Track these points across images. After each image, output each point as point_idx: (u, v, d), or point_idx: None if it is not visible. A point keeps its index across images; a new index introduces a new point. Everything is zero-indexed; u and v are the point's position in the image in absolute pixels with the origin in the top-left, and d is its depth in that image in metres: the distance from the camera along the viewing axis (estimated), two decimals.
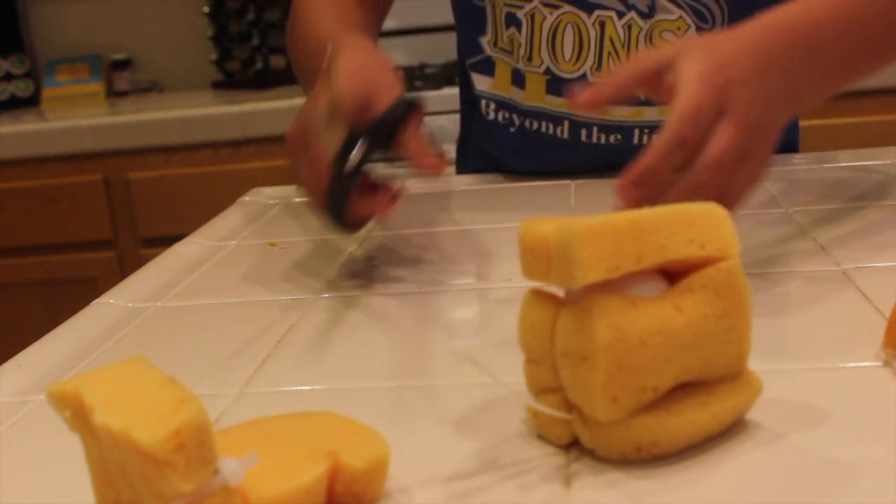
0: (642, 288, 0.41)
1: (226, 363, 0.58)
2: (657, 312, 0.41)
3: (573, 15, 0.90)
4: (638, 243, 0.40)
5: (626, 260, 0.40)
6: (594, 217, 0.40)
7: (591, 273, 0.39)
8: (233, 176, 1.95)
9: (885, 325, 0.50)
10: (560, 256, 0.40)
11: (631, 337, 0.40)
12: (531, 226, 0.43)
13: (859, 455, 0.41)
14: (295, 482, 0.38)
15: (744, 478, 0.40)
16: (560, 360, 0.42)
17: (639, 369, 0.40)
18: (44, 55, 2.54)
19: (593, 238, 0.39)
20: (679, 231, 0.41)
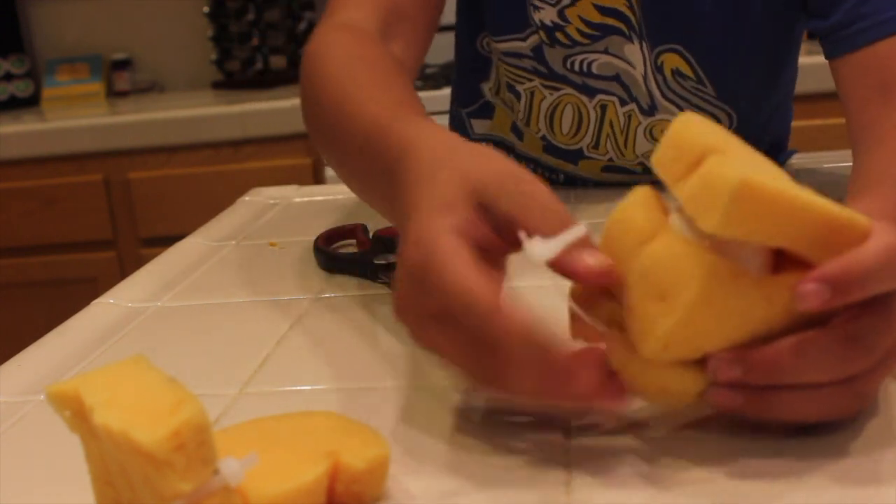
0: (750, 255, 0.40)
1: (226, 363, 0.58)
2: (749, 295, 0.39)
3: (574, 97, 0.89)
4: (783, 224, 0.38)
5: (763, 233, 0.38)
6: (765, 175, 0.38)
7: (727, 228, 0.38)
8: (233, 176, 1.95)
9: None
10: (706, 188, 0.39)
11: (716, 307, 0.39)
12: (691, 126, 0.41)
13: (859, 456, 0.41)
14: (295, 482, 0.38)
15: (742, 477, 0.40)
16: (637, 278, 0.40)
17: (704, 335, 0.40)
18: (44, 55, 2.53)
19: (751, 198, 0.37)
20: (823, 234, 0.39)
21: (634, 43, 0.84)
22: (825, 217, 0.39)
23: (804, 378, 0.40)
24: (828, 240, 0.39)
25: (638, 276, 0.41)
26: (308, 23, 2.36)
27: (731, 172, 0.38)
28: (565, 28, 0.85)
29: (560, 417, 0.46)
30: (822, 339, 0.40)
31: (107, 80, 2.51)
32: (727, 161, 0.39)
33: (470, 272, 0.41)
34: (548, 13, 0.85)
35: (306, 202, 1.00)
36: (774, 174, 0.41)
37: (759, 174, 0.38)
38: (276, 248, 0.82)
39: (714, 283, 0.39)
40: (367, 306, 0.67)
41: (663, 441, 0.44)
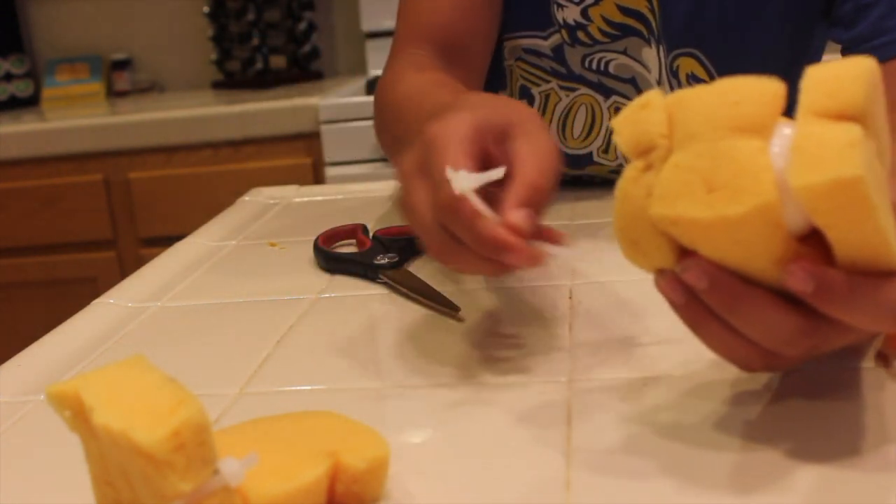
0: (798, 216, 0.38)
1: (226, 363, 0.58)
2: (767, 245, 0.39)
3: (589, 97, 0.89)
4: (849, 228, 0.37)
5: (824, 220, 0.37)
6: (874, 176, 0.37)
7: (805, 196, 0.37)
8: (233, 176, 1.95)
9: None
10: (823, 148, 0.37)
11: (734, 234, 0.39)
12: (868, 73, 0.39)
13: (859, 456, 0.41)
14: (295, 482, 0.38)
15: (742, 476, 0.40)
16: (704, 152, 0.39)
17: (703, 242, 0.40)
18: (44, 55, 2.54)
19: (845, 195, 0.36)
20: (869, 256, 0.38)
21: (652, 47, 0.84)
22: (886, 250, 0.38)
23: (742, 328, 0.41)
24: (865, 265, 0.38)
25: (707, 152, 0.39)
26: (308, 23, 2.36)
27: (852, 159, 0.36)
28: (587, 27, 0.85)
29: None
30: (781, 311, 0.40)
31: (107, 80, 2.51)
32: (859, 143, 0.37)
33: (463, 155, 0.48)
34: (571, 12, 0.85)
35: (306, 202, 1.00)
36: (881, 178, 0.39)
37: (871, 173, 0.37)
38: (276, 248, 0.82)
39: (755, 217, 0.38)
40: (367, 306, 0.67)
41: (663, 440, 0.44)
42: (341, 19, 2.47)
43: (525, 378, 0.52)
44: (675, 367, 0.51)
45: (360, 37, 2.38)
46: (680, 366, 0.51)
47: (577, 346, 0.55)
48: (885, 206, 0.38)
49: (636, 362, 0.52)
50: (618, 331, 0.57)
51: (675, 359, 0.52)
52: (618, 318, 0.59)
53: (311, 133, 1.93)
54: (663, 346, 0.54)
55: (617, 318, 0.59)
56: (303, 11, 2.35)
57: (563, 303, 0.62)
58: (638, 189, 0.42)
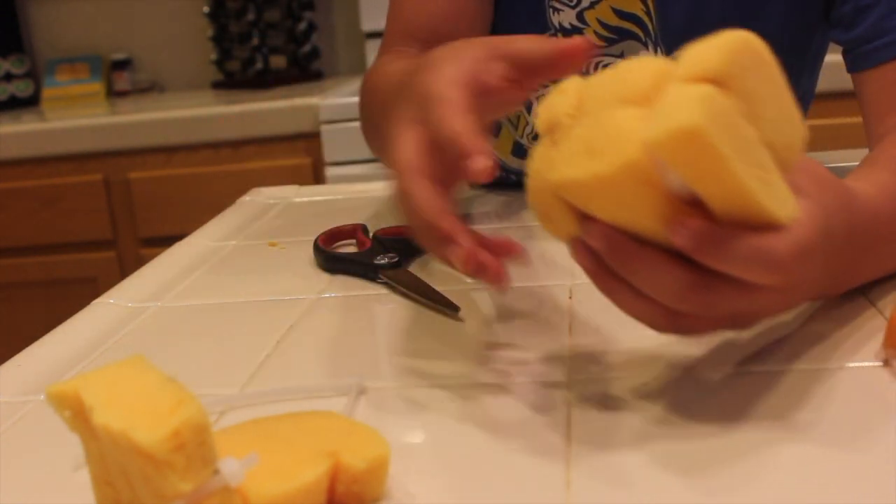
0: (675, 177, 0.41)
1: (226, 363, 0.58)
2: (649, 204, 0.41)
3: None
4: (709, 182, 0.40)
5: (687, 175, 0.40)
6: (736, 136, 0.40)
7: (658, 150, 0.39)
8: (233, 176, 1.95)
9: (885, 325, 0.50)
10: (673, 105, 0.40)
11: (614, 194, 0.42)
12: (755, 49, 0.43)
13: (859, 455, 0.41)
14: (295, 482, 0.38)
15: (743, 476, 0.40)
16: (590, 124, 0.43)
17: (594, 204, 0.43)
18: (44, 55, 2.54)
19: (694, 145, 0.38)
20: (741, 212, 0.41)
21: (650, 50, 0.84)
22: (749, 200, 0.40)
23: (640, 286, 0.43)
24: (742, 219, 0.41)
25: (593, 123, 0.43)
26: (308, 23, 2.36)
27: (691, 110, 0.38)
28: (583, 31, 0.85)
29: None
30: (671, 267, 0.42)
31: (107, 80, 2.51)
32: (706, 98, 0.39)
33: (451, 89, 0.49)
34: (567, 16, 0.85)
35: (306, 202, 1.00)
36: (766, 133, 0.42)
37: (729, 131, 0.39)
38: (276, 248, 0.82)
39: (624, 175, 0.41)
40: (367, 306, 0.67)
41: (664, 440, 0.44)
42: (341, 19, 2.47)
43: (525, 378, 0.52)
44: (675, 367, 0.51)
45: (360, 37, 2.38)
46: (680, 366, 0.51)
47: (577, 346, 0.55)
48: (751, 164, 0.40)
49: (636, 362, 0.52)
50: (618, 331, 0.57)
51: (675, 359, 0.52)
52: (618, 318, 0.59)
53: (311, 133, 1.93)
54: (663, 346, 0.54)
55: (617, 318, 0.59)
56: (303, 11, 2.35)
57: (563, 303, 0.62)
58: (543, 164, 0.45)
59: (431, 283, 0.66)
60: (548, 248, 0.74)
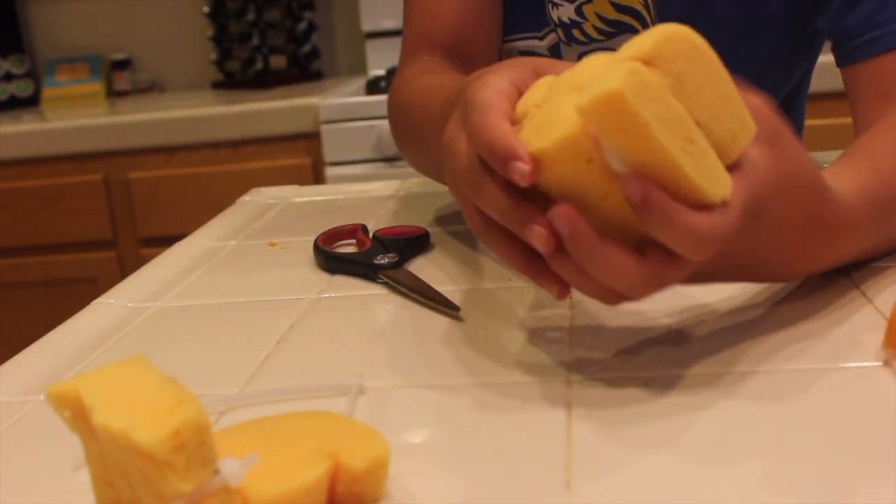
0: (614, 154, 0.44)
1: (226, 363, 0.58)
2: (591, 181, 0.45)
3: None
4: (636, 151, 0.42)
5: (614, 143, 0.43)
6: (668, 109, 0.42)
7: (585, 116, 0.42)
8: (233, 176, 1.95)
9: (885, 325, 0.50)
10: (603, 77, 0.42)
11: (558, 170, 0.45)
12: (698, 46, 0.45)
13: (859, 455, 0.41)
14: (295, 482, 0.38)
15: (743, 476, 0.40)
16: (540, 108, 0.47)
17: (547, 181, 0.46)
18: (44, 55, 2.54)
19: (617, 110, 0.41)
20: (670, 181, 0.43)
21: None
22: (677, 171, 0.42)
23: (600, 279, 0.46)
24: (674, 194, 0.43)
25: (546, 108, 0.47)
26: (308, 23, 2.36)
27: (618, 79, 0.41)
28: (582, 25, 0.85)
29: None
30: (634, 266, 0.45)
31: (107, 80, 2.51)
32: (629, 71, 0.41)
33: (495, 99, 0.50)
34: (565, 10, 0.86)
35: (306, 202, 1.00)
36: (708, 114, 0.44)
37: (656, 105, 0.41)
38: (276, 248, 0.82)
39: (562, 149, 0.44)
40: (367, 306, 0.67)
41: (664, 440, 0.44)
42: (341, 19, 2.47)
43: (525, 378, 0.52)
44: (675, 367, 0.51)
45: (360, 37, 2.38)
46: (680, 366, 0.51)
47: (577, 346, 0.55)
48: (679, 136, 0.42)
49: (636, 362, 0.52)
50: (618, 331, 0.57)
51: (675, 359, 0.52)
52: (618, 318, 0.59)
53: (311, 133, 1.93)
54: (663, 346, 0.54)
55: (617, 318, 0.59)
56: (303, 11, 2.35)
57: (563, 303, 0.62)
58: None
59: (431, 284, 0.66)
60: None
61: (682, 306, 0.59)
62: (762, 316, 0.57)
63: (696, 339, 0.54)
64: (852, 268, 0.63)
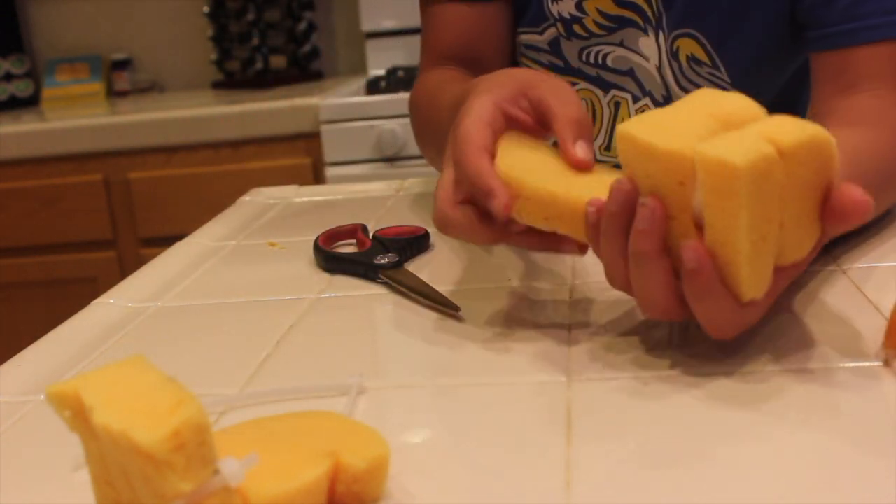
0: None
1: (226, 363, 0.58)
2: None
3: (589, 91, 0.90)
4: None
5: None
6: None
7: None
8: (233, 176, 1.95)
9: (885, 325, 0.50)
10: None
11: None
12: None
13: (859, 455, 0.41)
14: (295, 482, 0.38)
15: (743, 476, 0.40)
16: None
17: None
18: (44, 55, 2.54)
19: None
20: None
21: (649, 35, 0.85)
22: (736, 256, 0.45)
23: (697, 309, 0.48)
24: (719, 267, 0.46)
25: (677, 114, 0.49)
26: (308, 23, 2.36)
27: (749, 158, 0.43)
28: (583, 20, 0.86)
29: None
30: (734, 306, 0.48)
31: (107, 80, 2.51)
32: (764, 156, 0.43)
33: (475, 130, 0.56)
34: (566, 5, 0.86)
35: (306, 202, 1.00)
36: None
37: (759, 195, 0.44)
38: (276, 248, 0.82)
39: (667, 159, 0.47)
40: (367, 306, 0.67)
41: (664, 441, 0.44)
42: (341, 19, 2.47)
43: (525, 378, 0.52)
44: (676, 367, 0.51)
45: (360, 37, 2.38)
46: (680, 366, 0.51)
47: (577, 346, 0.55)
48: (757, 231, 0.45)
49: (636, 362, 0.52)
50: (618, 331, 0.57)
51: (676, 359, 0.52)
52: (618, 317, 0.59)
53: (311, 133, 1.93)
54: (663, 346, 0.54)
55: (617, 318, 0.59)
56: (303, 11, 2.35)
57: (563, 303, 0.62)
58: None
59: (431, 284, 0.66)
60: None
61: None
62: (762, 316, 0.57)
63: (696, 339, 0.54)
64: (852, 268, 0.63)
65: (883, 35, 0.74)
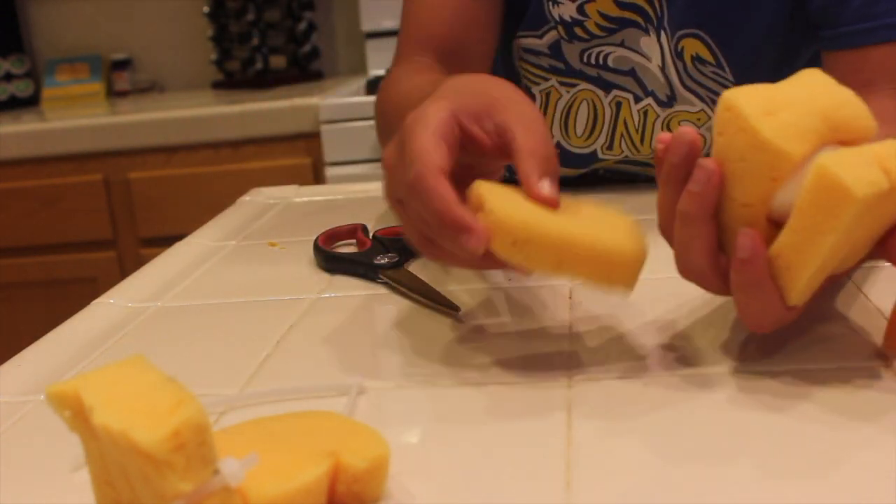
0: None
1: (226, 363, 0.58)
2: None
3: (590, 92, 0.89)
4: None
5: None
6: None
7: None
8: (233, 176, 1.95)
9: (885, 325, 0.50)
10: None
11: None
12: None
13: (860, 455, 0.41)
14: (295, 482, 0.38)
15: (743, 476, 0.40)
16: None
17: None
18: (44, 55, 2.54)
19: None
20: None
21: (651, 35, 0.84)
22: (802, 267, 0.45)
23: (740, 299, 0.47)
24: (779, 270, 0.46)
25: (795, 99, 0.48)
26: (308, 23, 2.36)
27: (864, 186, 0.42)
28: (584, 23, 0.85)
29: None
30: (780, 302, 0.47)
31: (107, 80, 2.51)
32: (881, 185, 0.43)
33: (432, 147, 0.50)
34: (567, 9, 0.86)
35: (306, 202, 1.00)
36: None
37: (857, 219, 0.43)
38: (276, 248, 0.82)
39: (766, 150, 0.45)
40: (367, 306, 0.67)
41: (664, 441, 0.44)
42: (341, 19, 2.47)
43: (525, 378, 0.52)
44: (675, 368, 0.51)
45: (360, 37, 2.38)
46: (680, 366, 0.51)
47: (577, 346, 0.55)
48: (835, 252, 0.45)
49: (636, 362, 0.52)
50: (618, 331, 0.57)
51: (675, 359, 0.52)
52: (618, 318, 0.59)
53: (311, 133, 1.93)
54: (663, 346, 0.54)
55: (617, 319, 0.59)
56: (303, 11, 2.35)
57: (563, 303, 0.62)
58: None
59: (431, 284, 0.66)
60: None
61: (680, 306, 0.59)
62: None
63: (697, 339, 0.54)
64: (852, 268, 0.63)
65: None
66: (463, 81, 0.57)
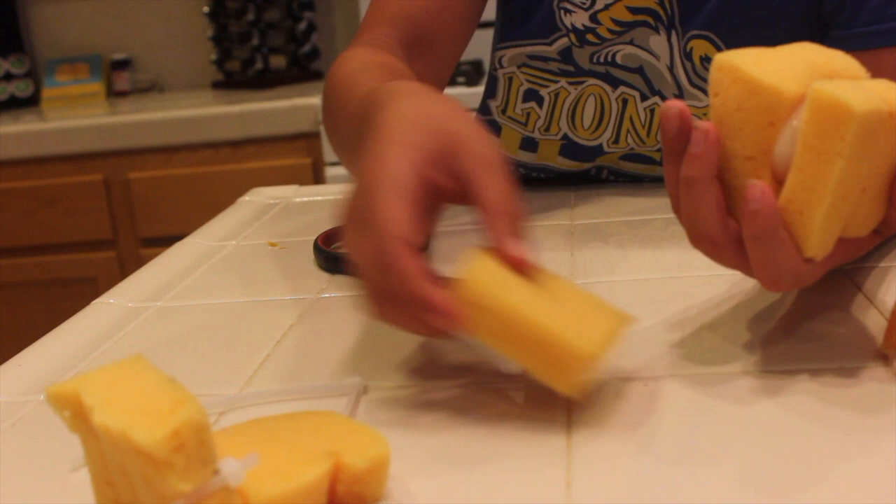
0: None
1: (226, 363, 0.58)
2: None
3: (597, 87, 0.89)
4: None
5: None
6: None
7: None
8: (233, 176, 1.95)
9: (885, 325, 0.50)
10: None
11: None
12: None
13: (859, 455, 0.41)
14: (295, 482, 0.38)
15: (743, 476, 0.40)
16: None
17: None
18: (44, 55, 2.54)
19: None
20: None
21: (661, 34, 0.84)
22: (814, 207, 0.44)
23: (755, 254, 0.47)
24: (792, 218, 0.45)
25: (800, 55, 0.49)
26: (308, 23, 2.36)
27: (866, 107, 0.42)
28: (596, 29, 0.85)
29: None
30: (796, 253, 0.46)
31: (107, 80, 2.51)
32: (878, 105, 0.43)
33: (397, 214, 0.46)
34: (579, 17, 0.85)
35: (306, 202, 1.00)
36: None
37: (867, 144, 0.43)
38: (276, 248, 0.82)
39: (762, 90, 0.46)
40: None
41: (664, 442, 0.44)
42: (341, 19, 2.47)
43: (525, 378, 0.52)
44: (675, 368, 0.51)
45: None
46: (680, 366, 0.51)
47: None
48: (846, 189, 0.44)
49: (636, 362, 0.52)
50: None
51: (675, 359, 0.52)
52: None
53: (311, 133, 1.93)
54: (663, 346, 0.54)
55: None
56: (303, 11, 2.35)
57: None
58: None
59: None
60: (548, 247, 0.74)
61: (682, 306, 0.59)
62: (763, 316, 0.57)
63: (697, 339, 0.54)
64: (852, 268, 0.63)
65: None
66: (416, 111, 0.52)
